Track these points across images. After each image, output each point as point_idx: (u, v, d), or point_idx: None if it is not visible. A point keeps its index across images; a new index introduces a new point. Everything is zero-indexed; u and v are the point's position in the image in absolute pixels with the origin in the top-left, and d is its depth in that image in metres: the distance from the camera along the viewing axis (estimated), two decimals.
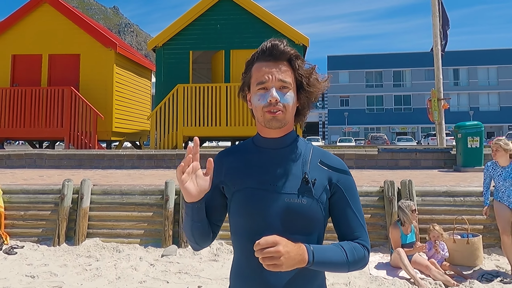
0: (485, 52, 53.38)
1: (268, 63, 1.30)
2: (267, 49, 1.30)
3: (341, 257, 1.23)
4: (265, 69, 1.29)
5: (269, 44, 1.30)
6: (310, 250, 1.17)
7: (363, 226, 1.33)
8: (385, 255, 5.11)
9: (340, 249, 1.24)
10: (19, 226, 5.89)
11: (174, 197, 5.82)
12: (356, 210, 1.33)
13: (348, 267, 1.24)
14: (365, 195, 5.72)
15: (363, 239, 1.31)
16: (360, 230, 1.32)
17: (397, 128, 54.65)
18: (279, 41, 1.31)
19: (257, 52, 1.33)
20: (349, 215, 1.32)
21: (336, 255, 1.22)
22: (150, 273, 4.65)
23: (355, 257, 1.25)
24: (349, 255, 1.24)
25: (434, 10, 12.29)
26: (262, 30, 11.90)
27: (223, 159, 1.41)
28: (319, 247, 1.20)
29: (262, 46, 1.32)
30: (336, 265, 1.22)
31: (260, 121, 1.32)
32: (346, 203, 1.32)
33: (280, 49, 1.29)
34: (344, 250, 1.24)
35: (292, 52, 1.31)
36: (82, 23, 12.74)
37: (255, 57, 1.34)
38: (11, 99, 11.88)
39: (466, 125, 8.92)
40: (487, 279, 4.35)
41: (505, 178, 4.52)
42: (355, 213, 1.33)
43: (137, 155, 9.90)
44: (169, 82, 12.04)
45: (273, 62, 1.30)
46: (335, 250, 1.23)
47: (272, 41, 1.31)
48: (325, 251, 1.21)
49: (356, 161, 9.52)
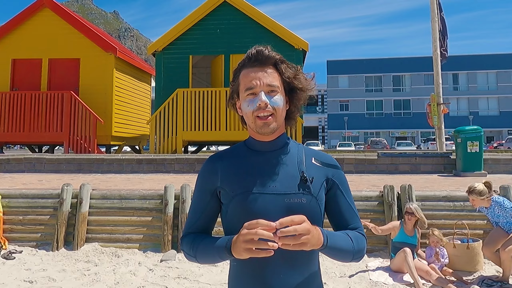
0: (484, 57, 53.50)
1: (254, 68, 1.33)
2: (253, 55, 1.33)
3: (349, 245, 1.28)
4: (252, 75, 1.32)
5: (254, 51, 1.34)
6: (324, 233, 1.21)
7: (358, 216, 1.41)
8: (385, 260, 5.09)
9: (347, 237, 1.29)
10: (17, 230, 5.87)
11: (173, 201, 5.80)
12: (350, 201, 1.40)
13: (353, 255, 1.29)
14: (365, 200, 5.71)
15: (361, 229, 1.38)
16: (356, 220, 1.39)
17: (396, 132, 54.67)
18: (264, 47, 1.34)
19: (243, 60, 1.36)
20: (345, 207, 1.38)
21: (345, 243, 1.27)
22: (149, 278, 4.62)
23: (360, 246, 1.31)
24: (354, 243, 1.29)
25: (433, 15, 12.33)
26: (262, 35, 11.92)
27: (217, 163, 1.39)
28: (331, 233, 1.26)
29: (247, 54, 1.35)
30: (343, 251, 1.27)
31: (251, 127, 1.35)
32: (341, 196, 1.38)
33: (265, 54, 1.32)
34: (351, 238, 1.29)
35: (277, 57, 1.34)
36: (82, 28, 12.76)
37: (242, 64, 1.37)
38: (11, 103, 11.87)
39: (465, 130, 8.92)
40: (487, 284, 4.33)
41: (492, 216, 4.56)
42: (350, 205, 1.39)
43: (137, 160, 9.89)
44: (168, 87, 12.05)
45: (260, 67, 1.33)
46: (344, 238, 1.28)
47: (257, 48, 1.34)
48: (336, 236, 1.26)
49: (355, 166, 9.51)
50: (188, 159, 9.81)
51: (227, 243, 1.20)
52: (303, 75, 1.38)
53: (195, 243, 1.32)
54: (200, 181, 1.40)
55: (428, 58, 12.36)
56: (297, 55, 11.92)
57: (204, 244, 1.29)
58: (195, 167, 9.61)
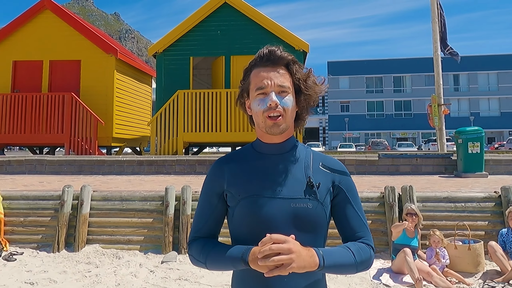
0: (485, 58, 53.50)
1: (266, 68, 1.32)
2: (265, 55, 1.32)
3: (350, 258, 1.25)
4: (264, 74, 1.31)
5: (266, 50, 1.32)
6: (320, 253, 1.19)
7: (366, 225, 1.36)
8: (386, 261, 5.09)
9: (347, 250, 1.26)
10: (18, 232, 5.87)
11: (174, 203, 5.80)
12: (358, 210, 1.36)
13: (356, 267, 1.26)
14: (366, 201, 5.70)
15: (367, 238, 1.33)
16: (364, 230, 1.34)
17: (397, 133, 54.65)
18: (276, 47, 1.33)
19: (255, 59, 1.35)
20: (352, 215, 1.34)
21: (345, 257, 1.24)
22: (150, 279, 4.62)
23: (362, 257, 1.28)
24: (356, 256, 1.26)
25: (433, 16, 12.33)
26: (262, 36, 11.94)
27: (224, 166, 1.38)
28: (327, 250, 1.23)
29: (259, 53, 1.34)
30: (345, 267, 1.24)
31: (261, 127, 1.33)
32: (348, 204, 1.35)
33: (278, 54, 1.31)
34: (351, 251, 1.26)
35: (290, 57, 1.33)
36: (83, 29, 12.79)
37: (253, 63, 1.35)
38: (12, 105, 11.90)
39: (466, 131, 8.91)
40: (489, 285, 4.32)
41: None
42: (358, 213, 1.35)
43: (138, 161, 9.89)
44: (169, 88, 12.06)
45: (271, 68, 1.32)
46: (343, 252, 1.25)
47: (269, 47, 1.32)
48: (333, 253, 1.23)
49: (356, 167, 9.50)
50: (189, 161, 9.81)
51: (243, 255, 1.21)
52: (314, 77, 1.37)
53: (205, 249, 1.31)
54: (207, 184, 1.40)
55: (428, 59, 12.37)
56: (298, 56, 11.91)
57: (215, 252, 1.28)
58: (196, 169, 9.61)
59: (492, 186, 6.74)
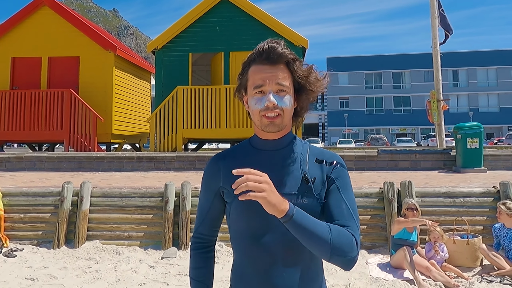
0: (484, 53, 53.45)
1: (265, 66, 1.27)
2: (264, 51, 1.26)
3: (325, 232, 1.13)
4: (262, 73, 1.26)
5: (266, 46, 1.26)
6: (292, 205, 1.13)
7: (354, 218, 1.24)
8: (385, 257, 5.11)
9: (326, 224, 1.17)
10: (18, 228, 5.89)
11: (174, 199, 5.82)
12: (346, 199, 1.27)
13: (330, 247, 1.13)
14: (365, 197, 5.72)
15: (352, 228, 1.20)
16: (350, 220, 1.23)
17: (396, 129, 54.66)
18: (277, 43, 1.27)
19: (254, 53, 1.29)
20: (338, 204, 1.25)
21: (319, 227, 1.14)
22: (150, 275, 4.64)
23: (341, 240, 1.15)
24: (333, 234, 1.14)
25: (433, 11, 12.31)
26: (261, 32, 11.90)
27: (220, 162, 1.37)
28: (302, 211, 1.15)
29: (258, 48, 1.28)
30: (316, 237, 1.12)
31: (257, 125, 1.31)
32: (336, 191, 1.28)
33: (278, 52, 1.25)
34: (329, 227, 1.16)
35: (290, 56, 1.28)
36: (82, 26, 12.75)
37: (252, 58, 1.30)
38: (10, 102, 11.87)
39: (465, 126, 8.92)
40: (487, 280, 4.35)
41: (510, 240, 4.61)
42: (345, 202, 1.26)
43: (137, 157, 9.90)
44: (168, 84, 12.05)
45: (270, 66, 1.26)
46: (319, 222, 1.16)
47: (269, 43, 1.27)
48: (308, 217, 1.14)
49: (355, 163, 9.52)
50: (188, 157, 9.81)
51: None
52: (316, 74, 1.32)
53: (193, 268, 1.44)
54: (205, 181, 1.40)
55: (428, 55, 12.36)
56: (297, 52, 11.88)
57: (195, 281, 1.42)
58: (195, 165, 9.62)
59: (490, 181, 6.76)
